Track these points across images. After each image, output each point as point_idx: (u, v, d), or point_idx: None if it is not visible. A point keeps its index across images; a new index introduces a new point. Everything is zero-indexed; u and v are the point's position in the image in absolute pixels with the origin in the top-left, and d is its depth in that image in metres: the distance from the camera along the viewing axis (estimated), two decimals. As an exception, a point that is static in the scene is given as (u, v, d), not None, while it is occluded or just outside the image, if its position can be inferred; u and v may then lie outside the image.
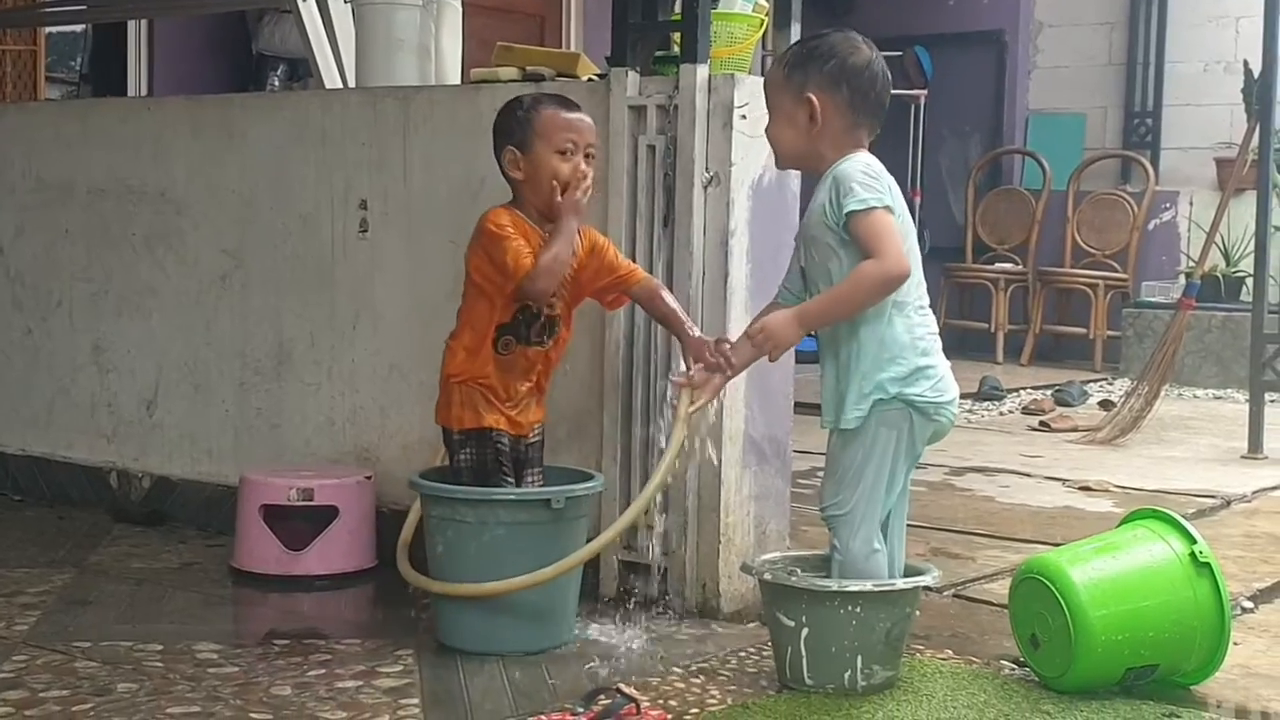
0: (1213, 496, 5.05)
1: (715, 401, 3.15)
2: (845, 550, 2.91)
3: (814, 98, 2.90)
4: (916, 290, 2.93)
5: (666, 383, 3.27)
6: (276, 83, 7.53)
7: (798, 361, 3.48)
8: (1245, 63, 6.84)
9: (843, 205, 2.83)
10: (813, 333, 2.98)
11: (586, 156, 3.15)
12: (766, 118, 3.05)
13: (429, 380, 3.77)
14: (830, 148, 2.92)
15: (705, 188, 3.37)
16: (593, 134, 3.18)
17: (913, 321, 2.90)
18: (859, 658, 2.85)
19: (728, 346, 3.03)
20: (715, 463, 3.37)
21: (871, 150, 2.99)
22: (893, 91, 3.06)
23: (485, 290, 3.15)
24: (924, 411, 2.90)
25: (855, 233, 2.83)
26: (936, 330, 2.98)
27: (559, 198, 3.10)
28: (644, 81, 3.47)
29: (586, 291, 3.25)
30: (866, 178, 2.85)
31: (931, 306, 3.01)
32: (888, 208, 2.84)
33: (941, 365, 2.94)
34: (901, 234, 2.85)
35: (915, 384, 2.88)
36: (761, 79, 3.43)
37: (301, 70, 7.12)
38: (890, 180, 2.91)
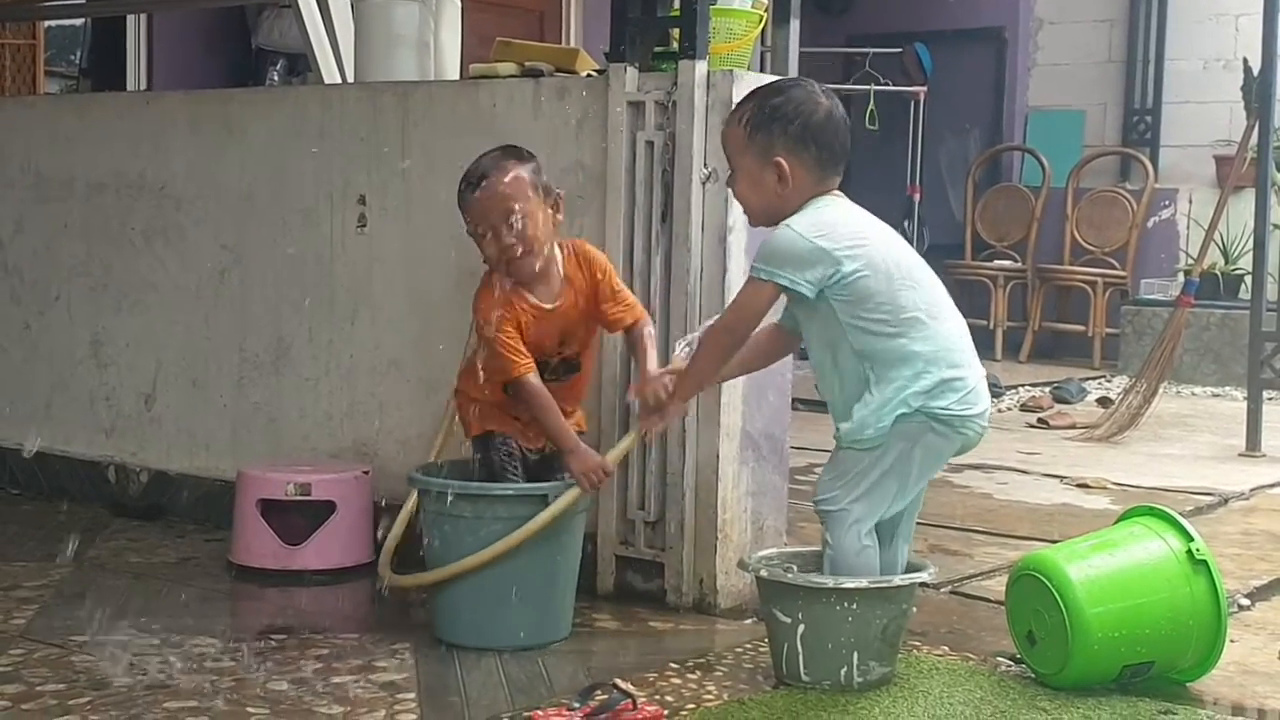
0: (1210, 494, 5.05)
1: (716, 403, 3.19)
2: (836, 545, 2.91)
3: (782, 161, 2.88)
4: (926, 300, 2.87)
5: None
6: (276, 78, 7.53)
7: (796, 359, 3.48)
8: (1245, 60, 6.82)
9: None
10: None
11: (506, 226, 3.13)
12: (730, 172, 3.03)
13: (427, 376, 3.78)
14: (796, 202, 2.90)
15: (703, 184, 3.37)
16: (503, 200, 3.13)
17: (930, 332, 2.84)
18: (855, 654, 2.85)
19: (667, 381, 3.09)
20: (713, 458, 3.37)
21: (870, 149, 2.98)
22: (893, 88, 3.06)
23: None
24: (948, 423, 2.85)
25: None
26: (966, 337, 2.93)
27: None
28: (643, 77, 3.47)
29: (595, 315, 3.28)
30: (781, 250, 2.84)
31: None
32: (777, 285, 2.83)
33: (973, 377, 2.89)
34: (883, 248, 2.85)
35: (940, 397, 2.84)
36: (760, 75, 3.45)
37: (301, 65, 7.11)
38: (840, 229, 2.85)
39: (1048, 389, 7.86)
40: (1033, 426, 6.75)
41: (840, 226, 2.86)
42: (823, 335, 2.90)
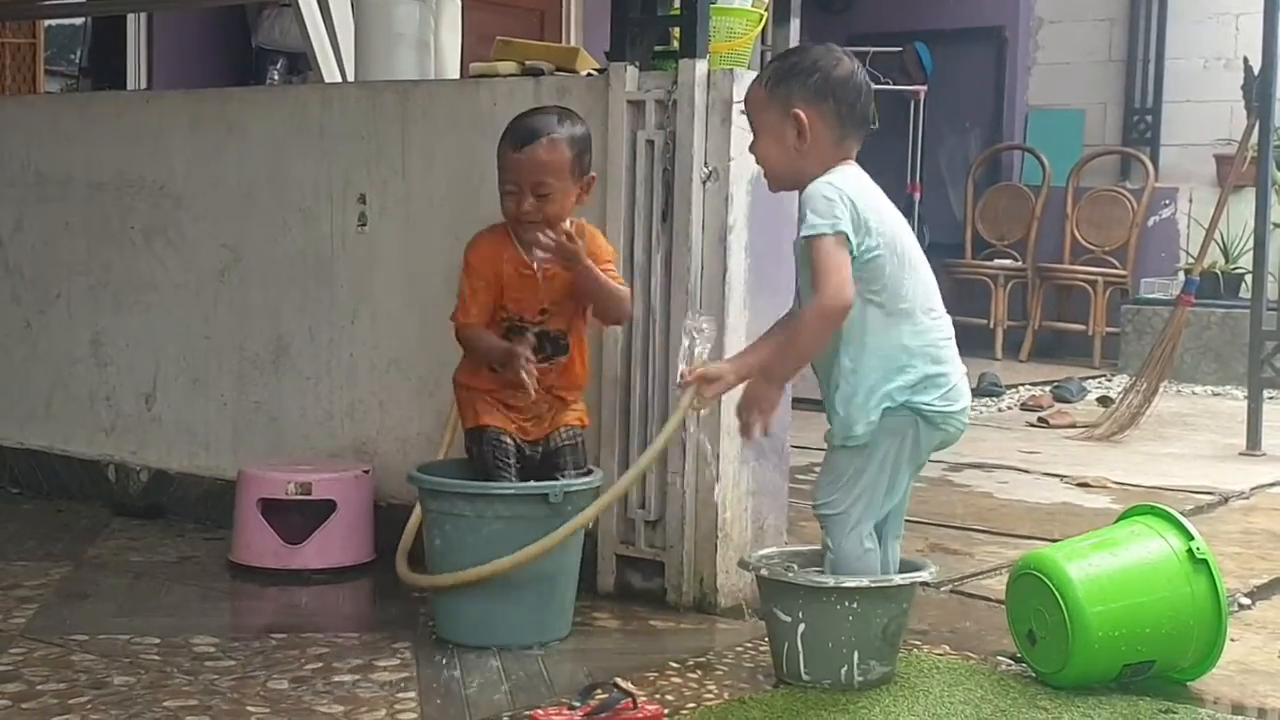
0: (1211, 493, 5.05)
1: (717, 401, 3.16)
2: (837, 549, 2.91)
3: (801, 113, 2.86)
4: (923, 295, 2.89)
5: (675, 381, 3.23)
6: (276, 77, 7.53)
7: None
8: (1245, 59, 6.81)
9: (799, 230, 2.82)
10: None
11: (539, 196, 3.14)
12: (750, 137, 3.02)
13: (427, 374, 3.78)
14: (817, 164, 2.87)
15: (704, 183, 3.36)
16: (538, 170, 3.13)
17: (921, 327, 2.86)
18: (856, 653, 2.85)
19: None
20: (713, 458, 3.37)
21: (870, 147, 2.98)
22: (894, 87, 3.05)
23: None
24: (931, 420, 2.87)
25: (807, 257, 2.81)
26: (951, 335, 2.93)
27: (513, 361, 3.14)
28: (643, 76, 3.47)
29: (588, 300, 3.25)
30: (824, 200, 2.79)
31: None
32: (840, 233, 2.77)
33: (955, 373, 2.89)
34: (889, 238, 2.82)
35: (924, 392, 2.85)
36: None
37: (301, 64, 7.12)
38: (865, 197, 2.83)
39: (1048, 388, 7.86)
40: (1033, 426, 6.75)
41: (867, 196, 2.85)
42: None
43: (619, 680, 2.68)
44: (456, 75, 4.45)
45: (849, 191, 2.81)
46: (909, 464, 2.91)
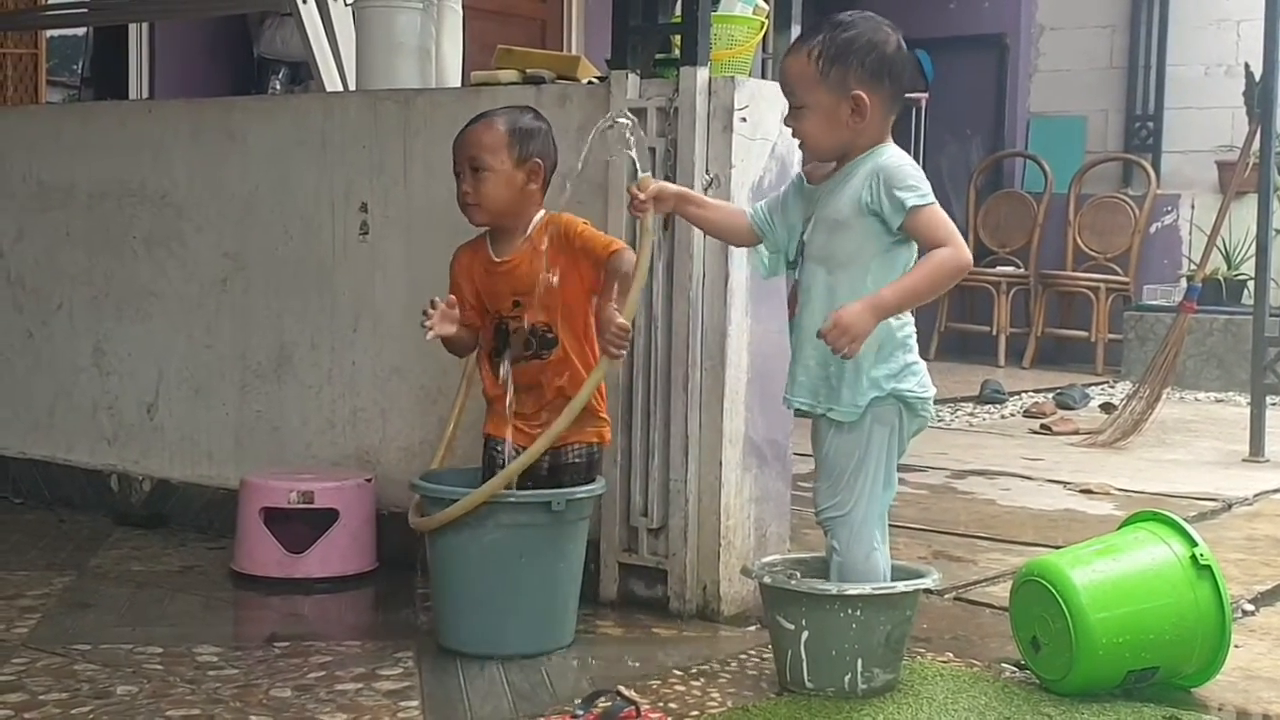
0: (1214, 499, 5.04)
1: (720, 409, 3.17)
2: (846, 551, 2.90)
3: (863, 94, 2.85)
4: None
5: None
6: (278, 86, 7.53)
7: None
8: (1246, 65, 6.81)
9: (902, 200, 2.80)
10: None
11: (474, 171, 3.17)
12: (769, 127, 3.02)
13: (429, 383, 3.78)
14: (869, 140, 2.89)
15: (705, 190, 3.36)
16: (472, 146, 3.18)
17: (904, 318, 2.89)
18: (859, 661, 2.84)
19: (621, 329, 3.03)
20: (716, 465, 3.37)
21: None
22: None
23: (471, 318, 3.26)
24: (912, 407, 2.91)
25: (917, 226, 2.82)
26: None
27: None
28: (644, 84, 3.47)
29: (579, 290, 3.20)
30: (915, 170, 2.86)
31: (933, 309, 3.01)
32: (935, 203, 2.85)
33: (921, 362, 2.96)
34: None
35: (905, 380, 2.89)
36: (762, 81, 3.44)
37: (303, 74, 7.12)
38: None
39: (1051, 395, 7.86)
40: (1036, 433, 6.74)
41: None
42: (836, 291, 2.87)
43: (622, 688, 2.68)
44: (458, 84, 4.45)
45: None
46: (897, 454, 2.94)
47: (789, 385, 2.98)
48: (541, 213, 3.24)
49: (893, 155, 2.88)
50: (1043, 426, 6.84)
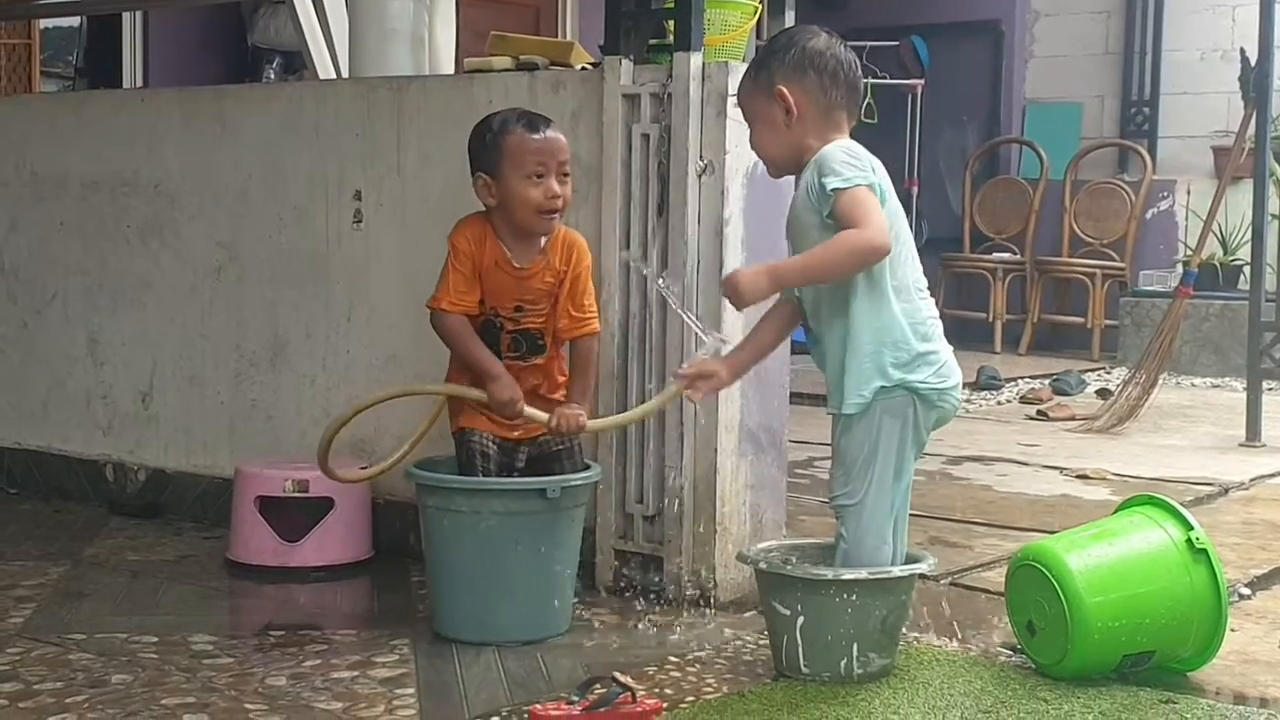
0: (1210, 484, 5.04)
1: (715, 396, 3.19)
2: (854, 541, 2.90)
3: (784, 89, 2.89)
4: (915, 273, 2.91)
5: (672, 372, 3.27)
6: (272, 75, 7.52)
7: (793, 353, 3.47)
8: (1242, 50, 6.79)
9: (824, 185, 2.80)
10: (807, 325, 2.97)
11: (561, 175, 3.14)
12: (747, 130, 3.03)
13: (424, 371, 3.77)
14: (813, 138, 2.89)
15: (699, 176, 3.36)
16: (564, 151, 3.16)
17: (913, 306, 2.88)
18: (855, 646, 2.84)
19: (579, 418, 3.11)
20: (712, 452, 3.37)
21: (868, 141, 2.97)
22: (891, 81, 3.05)
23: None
24: (927, 399, 2.88)
25: (838, 210, 2.78)
26: (937, 315, 2.96)
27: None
28: (638, 70, 3.46)
29: (561, 309, 3.24)
30: (849, 156, 2.83)
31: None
32: (870, 185, 2.81)
33: (944, 351, 2.92)
34: (891, 214, 2.83)
35: (917, 370, 2.86)
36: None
37: (297, 63, 7.10)
38: (875, 161, 2.88)
39: (1047, 381, 7.85)
40: (1032, 419, 6.74)
41: (866, 155, 2.87)
42: (818, 292, 2.89)
43: (617, 675, 2.68)
44: (451, 71, 4.44)
45: (863, 151, 2.86)
46: (912, 445, 2.91)
47: None
48: (561, 227, 3.24)
49: (832, 145, 2.86)
50: (1039, 412, 6.84)
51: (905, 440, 2.90)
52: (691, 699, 2.76)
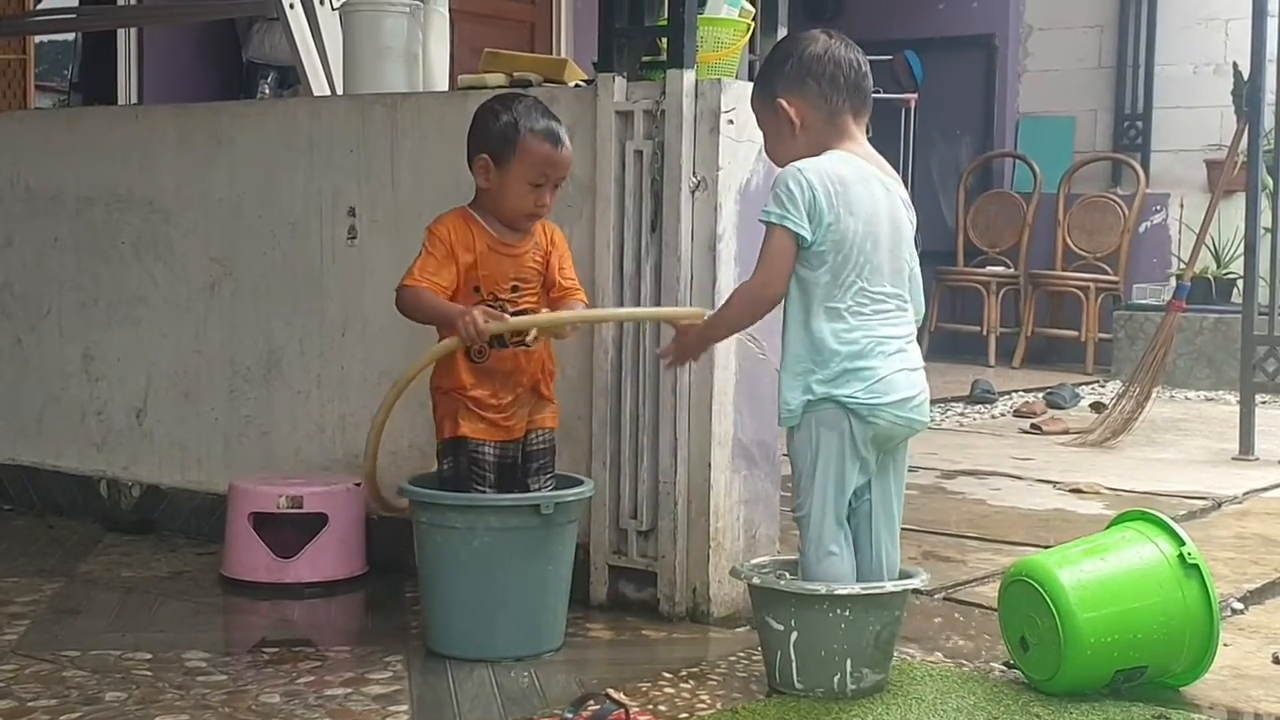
0: (1204, 498, 5.05)
1: (708, 411, 3.25)
2: (804, 551, 2.93)
3: (784, 102, 2.91)
4: (871, 294, 2.87)
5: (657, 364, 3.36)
6: (267, 90, 7.52)
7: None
8: (1235, 64, 6.81)
9: (765, 207, 2.86)
10: None
11: (554, 187, 3.19)
12: (756, 129, 3.06)
13: (419, 386, 3.75)
14: (816, 147, 2.90)
15: (692, 193, 3.37)
16: (569, 166, 3.22)
17: (847, 325, 2.84)
18: (848, 661, 2.84)
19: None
20: (705, 467, 3.37)
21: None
22: (883, 95, 3.06)
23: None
24: (857, 413, 2.85)
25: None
26: (894, 333, 2.89)
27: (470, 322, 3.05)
28: (631, 87, 3.47)
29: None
30: (785, 190, 2.82)
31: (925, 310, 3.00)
32: (786, 227, 2.81)
33: (884, 367, 2.85)
34: (845, 236, 2.83)
35: (845, 384, 2.84)
36: (748, 83, 3.44)
37: (292, 78, 7.11)
38: (837, 187, 2.83)
39: (1041, 394, 7.86)
40: (1026, 432, 6.75)
41: (840, 187, 2.84)
42: (780, 314, 2.94)
43: (611, 691, 2.68)
44: (445, 87, 4.45)
45: (816, 181, 2.82)
46: (852, 459, 2.88)
47: None
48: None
49: (792, 166, 2.86)
50: (1033, 426, 6.85)
51: (843, 453, 2.88)
52: (685, 715, 2.76)
